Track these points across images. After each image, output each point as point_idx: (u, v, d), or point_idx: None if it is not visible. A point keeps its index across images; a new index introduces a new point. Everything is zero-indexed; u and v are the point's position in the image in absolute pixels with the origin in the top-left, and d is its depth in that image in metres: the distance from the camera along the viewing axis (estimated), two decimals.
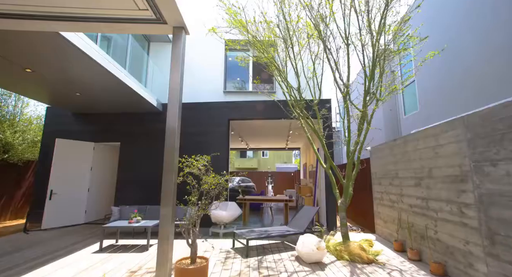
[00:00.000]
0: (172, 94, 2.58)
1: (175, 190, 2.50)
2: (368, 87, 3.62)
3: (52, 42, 3.69)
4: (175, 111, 2.56)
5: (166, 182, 2.45)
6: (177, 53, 2.66)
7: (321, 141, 4.71)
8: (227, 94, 7.45)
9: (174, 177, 2.46)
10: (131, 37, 6.82)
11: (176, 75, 2.61)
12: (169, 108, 2.57)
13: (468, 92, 5.91)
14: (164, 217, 2.44)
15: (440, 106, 6.57)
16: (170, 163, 2.45)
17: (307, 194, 8.95)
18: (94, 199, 6.83)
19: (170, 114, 2.54)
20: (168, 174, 2.44)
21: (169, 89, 2.61)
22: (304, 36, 4.69)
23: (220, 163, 6.73)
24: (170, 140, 2.48)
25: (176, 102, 2.58)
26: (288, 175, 18.87)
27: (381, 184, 5.48)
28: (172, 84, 2.60)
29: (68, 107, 6.80)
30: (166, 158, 2.46)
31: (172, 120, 2.53)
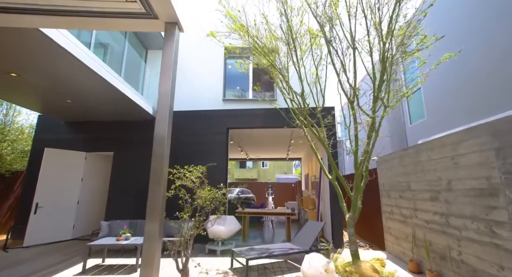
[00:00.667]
0: (162, 98, 2.29)
1: (163, 204, 2.17)
2: (378, 92, 3.34)
3: (36, 43, 3.44)
4: (165, 117, 2.26)
5: (153, 195, 2.12)
6: (168, 52, 2.38)
7: (326, 150, 4.39)
8: (226, 102, 7.19)
9: (162, 190, 2.13)
10: (127, 44, 6.64)
11: (167, 77, 2.32)
12: (159, 114, 2.27)
13: (480, 98, 5.64)
14: (149, 235, 2.08)
15: (449, 114, 6.30)
16: (158, 174, 2.13)
17: (310, 206, 8.53)
18: (84, 212, 6.41)
19: (160, 120, 2.24)
20: (155, 186, 2.11)
21: (158, 93, 2.32)
22: (307, 39, 4.48)
23: (219, 174, 6.38)
24: (158, 148, 2.17)
25: (167, 107, 2.28)
26: (288, 186, 18.40)
27: (390, 196, 5.11)
28: (163, 87, 2.31)
29: (60, 115, 6.52)
30: (154, 168, 2.14)
31: (161, 127, 2.22)
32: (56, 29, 3.59)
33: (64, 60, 3.90)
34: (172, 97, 2.33)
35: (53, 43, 3.50)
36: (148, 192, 2.13)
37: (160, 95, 2.27)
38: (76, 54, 3.88)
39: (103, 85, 4.79)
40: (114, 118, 6.63)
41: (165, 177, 2.19)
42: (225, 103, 7.17)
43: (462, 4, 6.06)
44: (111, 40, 6.35)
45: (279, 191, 17.20)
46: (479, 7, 5.54)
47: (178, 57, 2.69)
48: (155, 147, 2.20)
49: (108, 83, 4.75)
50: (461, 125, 4.98)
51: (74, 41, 3.90)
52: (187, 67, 7.46)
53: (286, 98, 4.76)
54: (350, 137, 4.43)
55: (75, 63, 3.97)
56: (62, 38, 3.59)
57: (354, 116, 4.07)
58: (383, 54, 2.97)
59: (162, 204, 2.13)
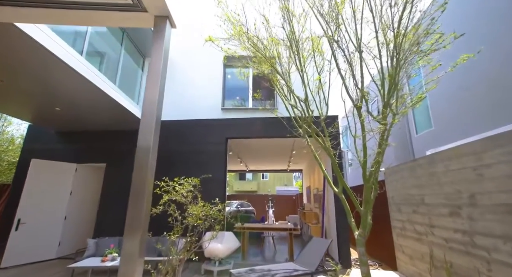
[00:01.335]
0: (148, 103, 1.99)
1: (145, 220, 1.83)
2: (389, 97, 3.07)
3: (21, 47, 3.20)
4: (150, 125, 1.96)
5: (134, 210, 1.78)
6: (158, 52, 2.09)
7: (333, 160, 4.07)
8: (225, 111, 6.94)
9: (145, 204, 1.80)
10: (123, 51, 6.46)
11: (155, 80, 2.03)
12: (143, 122, 1.97)
13: (495, 105, 5.34)
14: (127, 256, 1.72)
15: (460, 123, 6.00)
16: (140, 187, 1.81)
17: (313, 221, 8.09)
18: (72, 228, 5.97)
19: (144, 128, 1.95)
20: (136, 200, 1.78)
21: (144, 98, 2.03)
22: (309, 45, 4.27)
23: (217, 186, 6.03)
24: (141, 159, 1.85)
25: (153, 114, 1.98)
26: (289, 199, 17.89)
27: (401, 211, 4.73)
28: (149, 91, 2.01)
29: (51, 125, 6.24)
30: (135, 180, 1.82)
31: (146, 136, 1.92)
32: (44, 33, 3.38)
33: (52, 65, 3.66)
34: (160, 102, 2.02)
35: (41, 47, 3.28)
36: (128, 206, 1.80)
37: (146, 99, 1.97)
38: (66, 60, 3.66)
39: (95, 92, 4.54)
40: (107, 128, 6.34)
41: (149, 190, 1.86)
42: (224, 112, 6.91)
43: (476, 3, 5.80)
44: (106, 48, 6.18)
45: (279, 204, 16.68)
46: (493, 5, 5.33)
47: (169, 56, 2.43)
48: (138, 157, 1.89)
49: (100, 91, 4.51)
50: (475, 134, 4.69)
51: (64, 46, 3.69)
52: (185, 75, 7.28)
53: (288, 105, 4.49)
54: (356, 146, 4.13)
55: (64, 68, 3.74)
56: (47, 39, 3.37)
57: (362, 124, 3.78)
58: (396, 54, 2.72)
59: (144, 220, 1.78)
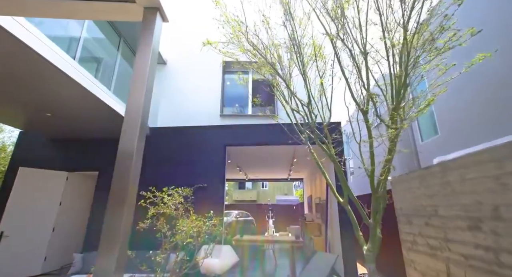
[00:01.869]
0: (132, 105, 1.75)
1: (125, 234, 1.56)
2: (400, 99, 2.84)
3: (7, 48, 3.00)
4: (134, 129, 1.71)
5: (111, 222, 1.51)
6: (145, 47, 1.87)
7: (338, 168, 3.82)
8: (223, 118, 6.72)
9: (125, 217, 1.53)
10: (120, 57, 6.31)
11: (141, 80, 1.79)
12: (126, 123, 1.73)
13: (504, 110, 5.10)
14: (100, 275, 1.44)
15: (468, 129, 5.76)
16: (120, 197, 1.55)
17: (316, 232, 7.72)
18: (60, 242, 5.62)
19: (127, 132, 1.70)
20: (114, 210, 1.52)
21: (128, 100, 1.79)
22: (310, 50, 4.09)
23: (215, 195, 5.74)
24: (122, 166, 1.60)
25: (137, 117, 1.73)
26: (289, 209, 17.46)
27: (411, 223, 4.42)
28: (134, 92, 1.77)
29: (43, 131, 5.99)
30: (114, 189, 1.56)
31: (128, 140, 1.68)
32: (31, 33, 3.19)
33: (42, 69, 3.46)
34: (147, 105, 1.77)
35: (27, 48, 3.09)
36: (104, 218, 1.53)
37: (130, 101, 1.73)
38: (57, 63, 3.46)
39: (88, 98, 4.33)
40: (101, 135, 6.09)
41: (131, 201, 1.60)
42: (222, 118, 6.70)
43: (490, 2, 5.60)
44: (102, 53, 6.02)
45: (279, 213, 16.25)
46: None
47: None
48: (119, 163, 1.63)
49: (94, 96, 4.31)
50: (485, 141, 4.44)
51: (56, 49, 3.50)
52: (182, 81, 7.11)
53: (289, 110, 4.27)
54: (362, 153, 3.88)
55: (55, 71, 3.53)
56: (37, 42, 3.17)
57: (368, 129, 3.54)
58: (406, 52, 2.51)
59: (123, 234, 1.50)
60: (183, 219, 2.02)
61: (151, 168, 6.00)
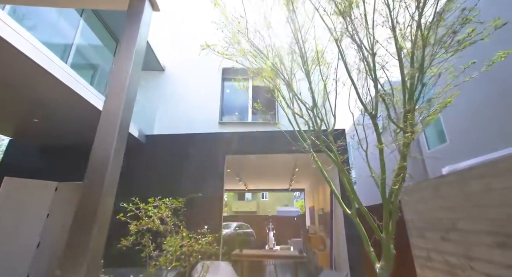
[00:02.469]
0: (111, 104, 1.51)
1: (97, 252, 1.27)
2: (415, 100, 2.59)
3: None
4: (111, 132, 1.48)
5: (77, 237, 1.24)
6: (130, 38, 1.63)
7: (346, 177, 3.53)
8: (223, 125, 6.47)
9: (97, 232, 1.25)
10: None
11: (123, 74, 1.56)
12: (102, 126, 1.49)
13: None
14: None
15: (480, 136, 5.48)
16: (90, 208, 1.29)
17: (320, 246, 7.30)
18: (46, 257, 5.22)
19: (102, 133, 1.46)
20: (81, 224, 1.26)
21: (106, 96, 1.55)
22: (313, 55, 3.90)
23: (213, 207, 5.41)
24: (94, 173, 1.35)
25: (116, 118, 1.51)
26: (290, 220, 16.94)
27: (425, 237, 4.08)
28: (115, 88, 1.54)
29: (33, 139, 5.73)
30: (84, 200, 1.31)
31: (103, 143, 1.43)
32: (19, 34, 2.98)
33: (30, 72, 3.23)
34: (129, 105, 1.52)
35: (11, 47, 2.87)
36: (68, 235, 1.24)
37: (109, 101, 1.49)
38: (46, 65, 3.23)
39: (81, 104, 4.10)
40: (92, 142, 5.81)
41: (105, 213, 1.31)
42: (221, 126, 6.45)
43: None
44: (98, 60, 5.85)
45: (280, 225, 15.72)
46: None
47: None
48: (90, 170, 1.36)
49: (87, 102, 4.08)
50: (501, 148, 4.17)
51: (47, 53, 3.29)
52: (180, 87, 6.92)
53: (292, 116, 4.02)
54: (368, 162, 3.59)
55: (44, 74, 3.30)
56: (25, 44, 2.96)
57: (378, 134, 3.27)
58: (422, 47, 2.28)
59: (92, 254, 1.21)
60: (171, 236, 1.72)
61: (145, 177, 5.69)
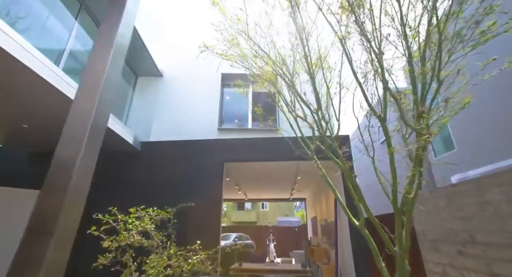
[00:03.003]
0: (82, 96, 1.30)
1: (55, 268, 1.01)
2: (431, 98, 2.38)
3: None
4: (81, 129, 1.25)
5: (27, 251, 1.00)
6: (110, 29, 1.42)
7: (355, 185, 3.26)
8: (222, 132, 6.25)
9: (52, 251, 0.99)
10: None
11: (100, 63, 1.35)
12: (70, 123, 1.26)
13: None
14: None
15: (491, 142, 5.24)
16: (47, 219, 1.03)
17: (323, 259, 6.92)
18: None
19: (69, 131, 1.22)
20: (33, 237, 1.02)
21: (78, 88, 1.33)
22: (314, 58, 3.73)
23: (211, 217, 5.13)
24: (55, 177, 1.11)
25: (89, 114, 1.29)
26: (291, 231, 16.47)
27: (439, 250, 3.78)
28: (89, 78, 1.33)
29: (23, 145, 5.48)
30: (40, 209, 1.07)
31: (69, 143, 1.20)
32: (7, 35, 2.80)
33: (17, 73, 3.03)
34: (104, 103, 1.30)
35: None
36: (19, 246, 0.98)
37: (78, 97, 1.27)
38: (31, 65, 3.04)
39: (69, 106, 3.87)
40: None
41: (69, 226, 1.06)
42: (220, 132, 6.22)
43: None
44: None
45: (280, 236, 15.25)
46: None
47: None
48: (51, 177, 1.13)
49: (70, 99, 3.85)
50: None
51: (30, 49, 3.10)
52: (178, 92, 6.75)
53: (293, 121, 3.80)
54: (376, 169, 3.34)
55: (31, 75, 3.10)
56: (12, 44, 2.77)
57: (387, 138, 3.03)
58: (439, 41, 2.08)
59: (46, 271, 0.96)
60: (155, 255, 1.46)
61: (139, 186, 5.41)
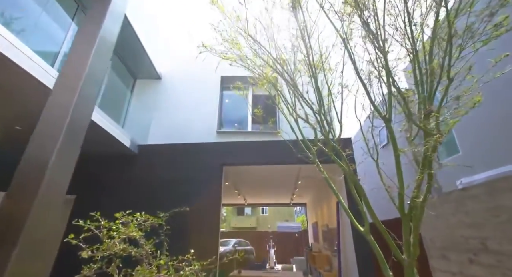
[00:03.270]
0: (60, 91, 1.18)
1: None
2: (442, 98, 2.25)
3: None
4: (57, 126, 1.12)
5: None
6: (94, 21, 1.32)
7: (360, 189, 3.11)
8: (221, 135, 6.12)
9: (15, 265, 0.83)
10: (109, 69, 5.87)
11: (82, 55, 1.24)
12: (44, 121, 1.13)
13: None
14: None
15: (496, 147, 5.08)
16: (12, 224, 0.88)
17: (325, 266, 6.71)
18: None
19: (43, 128, 1.10)
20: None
21: (55, 83, 1.21)
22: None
23: (209, 222, 4.97)
24: (25, 176, 0.96)
25: (66, 111, 1.15)
26: (291, 236, 16.20)
27: (448, 259, 3.61)
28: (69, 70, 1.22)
29: (14, 148, 5.33)
30: (4, 211, 0.91)
31: (44, 140, 1.07)
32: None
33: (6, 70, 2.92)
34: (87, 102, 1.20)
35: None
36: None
37: (55, 93, 1.15)
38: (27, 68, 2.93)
39: None
40: (80, 152, 5.43)
41: (38, 233, 0.92)
42: (219, 135, 6.09)
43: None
44: None
45: (281, 242, 14.97)
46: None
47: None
48: (18, 179, 0.99)
49: None
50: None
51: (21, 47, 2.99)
52: (177, 96, 6.65)
53: (294, 123, 3.67)
54: (380, 172, 3.19)
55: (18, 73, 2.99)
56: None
57: (393, 140, 2.90)
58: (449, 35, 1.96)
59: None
60: (142, 266, 1.31)
61: (136, 191, 5.26)
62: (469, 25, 1.98)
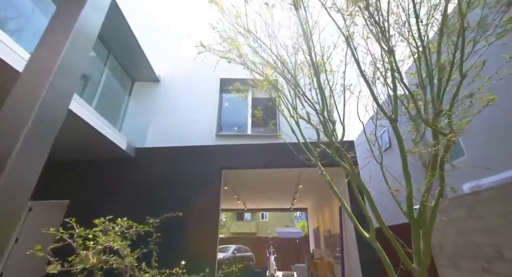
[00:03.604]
0: (20, 91, 1.03)
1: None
2: (454, 96, 2.11)
3: None
4: (15, 131, 0.97)
5: None
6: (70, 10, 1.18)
7: (367, 194, 2.96)
8: (220, 138, 5.98)
9: None
10: (107, 72, 5.77)
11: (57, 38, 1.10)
12: (4, 113, 0.98)
13: None
14: None
15: (504, 149, 4.94)
16: None
17: (327, 274, 6.47)
18: None
19: (4, 124, 0.95)
20: None
21: (16, 84, 1.07)
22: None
23: (207, 227, 4.79)
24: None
25: (32, 104, 1.01)
26: (292, 242, 15.91)
27: (459, 267, 3.42)
28: (42, 52, 1.06)
29: None
30: None
31: (5, 133, 0.91)
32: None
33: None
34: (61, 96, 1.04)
35: None
36: None
37: (20, 85, 1.01)
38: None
39: None
40: (74, 156, 5.29)
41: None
42: (218, 138, 5.95)
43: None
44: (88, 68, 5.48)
45: (281, 248, 14.68)
46: None
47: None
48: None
49: (72, 112, 3.64)
50: None
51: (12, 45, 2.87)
52: (176, 98, 6.53)
53: (295, 123, 3.53)
54: (385, 175, 3.04)
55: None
56: None
57: (400, 141, 2.75)
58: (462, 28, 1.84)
59: None
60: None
61: (131, 194, 5.08)
62: (484, 16, 1.85)
